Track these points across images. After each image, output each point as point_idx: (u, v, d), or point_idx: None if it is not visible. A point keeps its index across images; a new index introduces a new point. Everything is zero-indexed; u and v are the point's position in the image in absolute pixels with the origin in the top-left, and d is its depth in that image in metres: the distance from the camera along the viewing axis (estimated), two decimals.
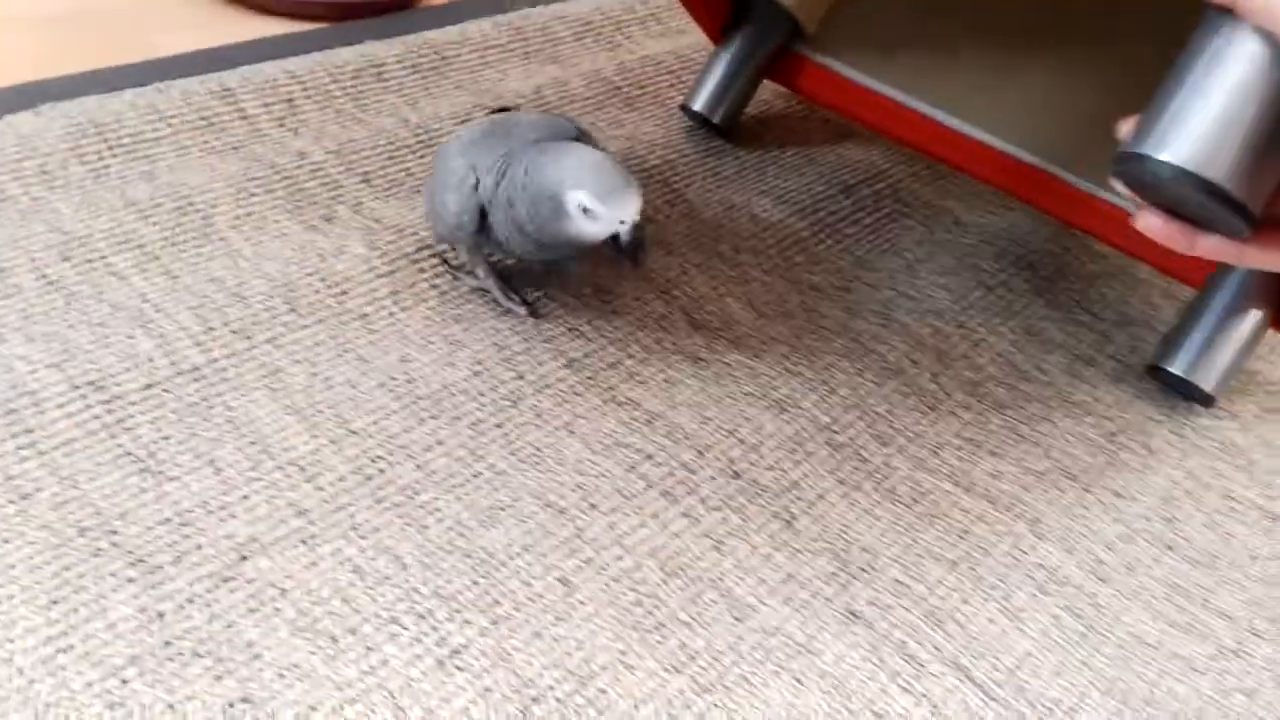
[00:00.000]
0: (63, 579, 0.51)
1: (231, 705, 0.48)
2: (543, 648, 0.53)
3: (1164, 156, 0.40)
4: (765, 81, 0.96)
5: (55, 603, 0.50)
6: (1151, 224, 0.44)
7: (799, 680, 0.55)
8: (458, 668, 0.51)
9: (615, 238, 0.62)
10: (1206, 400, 0.77)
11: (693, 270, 0.80)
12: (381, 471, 0.60)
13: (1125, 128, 0.43)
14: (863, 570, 0.61)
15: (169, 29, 0.95)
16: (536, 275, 0.75)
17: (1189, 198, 0.41)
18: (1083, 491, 0.70)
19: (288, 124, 0.84)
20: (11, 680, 0.47)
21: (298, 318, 0.67)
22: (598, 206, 0.61)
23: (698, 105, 0.94)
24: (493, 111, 0.77)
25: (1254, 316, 0.75)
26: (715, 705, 0.53)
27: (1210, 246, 0.43)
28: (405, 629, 0.52)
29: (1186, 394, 0.78)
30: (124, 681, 0.47)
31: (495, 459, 0.62)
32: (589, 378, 0.69)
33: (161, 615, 0.50)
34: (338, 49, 0.93)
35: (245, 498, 0.56)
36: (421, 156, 0.84)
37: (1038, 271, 0.88)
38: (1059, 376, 0.78)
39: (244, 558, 0.54)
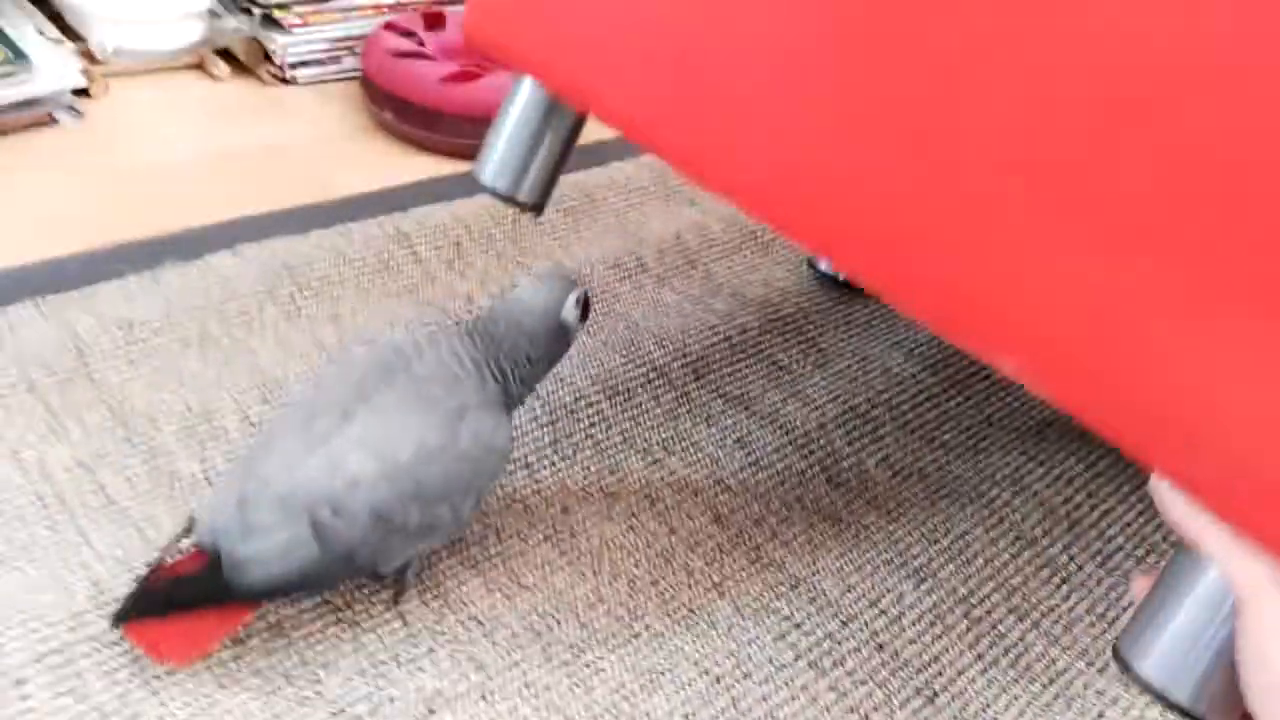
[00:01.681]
0: None
1: None
2: None
3: (1140, 670, 0.42)
4: None
5: None
6: None
7: None
8: None
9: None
10: None
11: (829, 425, 0.84)
12: (550, 629, 0.64)
13: (1137, 588, 0.44)
14: None
15: (345, 167, 1.04)
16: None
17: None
18: None
19: (455, 267, 0.91)
20: None
21: None
22: (577, 291, 0.66)
23: (826, 264, 0.99)
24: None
25: None
26: None
27: None
28: None
29: None
30: None
31: (652, 619, 0.66)
32: (735, 534, 0.73)
33: None
34: None
35: (431, 650, 0.61)
36: None
37: None
38: None
39: (431, 711, 0.58)
